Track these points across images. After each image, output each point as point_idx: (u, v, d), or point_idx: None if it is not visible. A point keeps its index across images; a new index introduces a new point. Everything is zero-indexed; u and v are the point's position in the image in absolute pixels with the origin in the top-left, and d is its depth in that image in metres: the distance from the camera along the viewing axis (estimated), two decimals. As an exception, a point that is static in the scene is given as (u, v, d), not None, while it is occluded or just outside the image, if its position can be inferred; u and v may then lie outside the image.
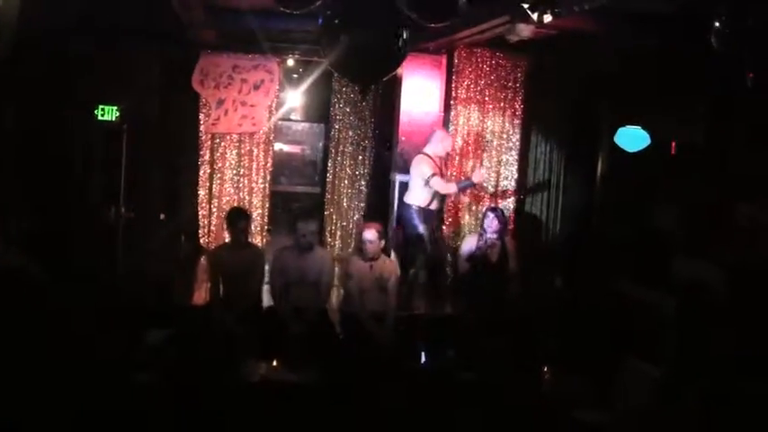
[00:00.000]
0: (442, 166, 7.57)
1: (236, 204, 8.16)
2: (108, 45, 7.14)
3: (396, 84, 8.38)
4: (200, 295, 7.15)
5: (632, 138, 7.70)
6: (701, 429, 3.84)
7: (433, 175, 7.32)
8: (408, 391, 4.31)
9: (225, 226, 6.61)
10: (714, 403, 3.84)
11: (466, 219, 8.28)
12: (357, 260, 6.32)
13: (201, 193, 8.47)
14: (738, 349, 4.04)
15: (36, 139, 6.46)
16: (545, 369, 5.24)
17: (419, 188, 7.44)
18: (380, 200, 8.84)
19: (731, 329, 4.07)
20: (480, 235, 7.17)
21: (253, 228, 8.21)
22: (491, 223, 7.10)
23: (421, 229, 7.39)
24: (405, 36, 4.63)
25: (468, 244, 7.27)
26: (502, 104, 8.32)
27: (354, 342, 5.86)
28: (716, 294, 4.70)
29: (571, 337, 6.90)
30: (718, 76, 6.06)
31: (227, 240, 6.65)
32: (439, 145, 7.52)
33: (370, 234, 6.22)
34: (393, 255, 7.54)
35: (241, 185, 8.51)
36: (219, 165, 8.46)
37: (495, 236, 7.10)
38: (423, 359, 5.58)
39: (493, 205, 7.90)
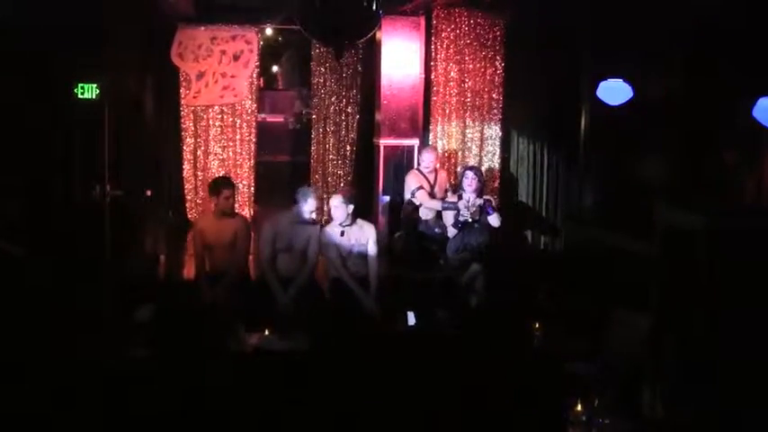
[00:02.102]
0: (434, 183, 7.57)
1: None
2: (84, 21, 7.06)
3: (376, 47, 8.35)
4: (190, 269, 7.17)
5: (614, 91, 7.67)
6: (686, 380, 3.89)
7: (419, 188, 7.38)
8: (397, 351, 4.33)
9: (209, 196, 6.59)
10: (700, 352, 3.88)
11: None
12: (330, 228, 6.30)
13: (186, 167, 8.47)
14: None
15: (15, 119, 6.41)
16: (536, 323, 5.24)
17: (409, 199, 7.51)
18: (366, 166, 8.83)
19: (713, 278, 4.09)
20: (459, 195, 6.99)
21: (240, 200, 8.22)
22: (471, 182, 6.93)
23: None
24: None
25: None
26: (482, 63, 8.31)
27: (342, 308, 5.89)
28: (698, 242, 4.72)
29: (561, 291, 6.95)
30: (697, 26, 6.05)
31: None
32: (421, 162, 7.62)
33: (335, 200, 6.20)
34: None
35: (225, 158, 8.51)
36: (203, 138, 8.45)
37: (474, 195, 6.94)
38: (412, 320, 5.61)
39: (471, 164, 7.88)
